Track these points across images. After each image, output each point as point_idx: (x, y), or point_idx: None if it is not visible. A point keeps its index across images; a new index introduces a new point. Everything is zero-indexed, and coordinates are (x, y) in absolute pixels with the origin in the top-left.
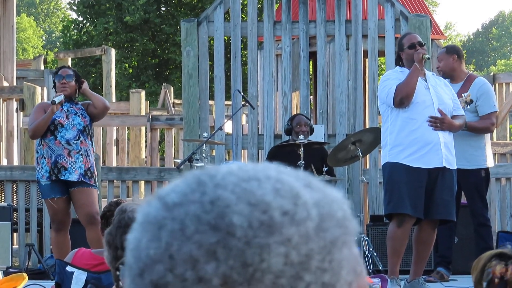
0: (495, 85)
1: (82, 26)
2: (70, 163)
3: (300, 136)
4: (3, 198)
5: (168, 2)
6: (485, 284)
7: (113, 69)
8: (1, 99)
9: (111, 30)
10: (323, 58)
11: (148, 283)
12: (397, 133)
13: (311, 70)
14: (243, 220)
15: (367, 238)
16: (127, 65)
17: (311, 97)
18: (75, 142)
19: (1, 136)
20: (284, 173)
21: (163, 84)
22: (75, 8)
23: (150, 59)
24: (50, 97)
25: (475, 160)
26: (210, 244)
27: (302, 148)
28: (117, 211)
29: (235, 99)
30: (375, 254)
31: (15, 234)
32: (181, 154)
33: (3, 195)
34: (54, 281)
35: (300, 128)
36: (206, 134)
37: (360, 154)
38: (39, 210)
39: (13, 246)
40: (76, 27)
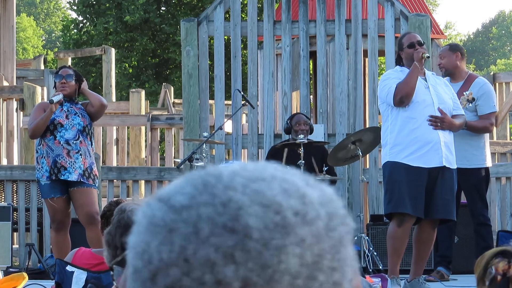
0: (495, 84)
1: (82, 25)
2: (69, 163)
3: (300, 136)
4: (3, 198)
5: (168, 1)
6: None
7: (113, 68)
8: (1, 99)
9: (111, 30)
10: (323, 57)
11: (162, 287)
12: (397, 132)
13: (311, 69)
14: (259, 222)
15: (367, 238)
16: (127, 64)
17: (311, 96)
18: (75, 142)
19: (1, 136)
20: (286, 172)
21: (163, 83)
22: (75, 8)
23: (150, 58)
24: (50, 97)
25: (475, 160)
26: (228, 247)
27: (302, 148)
28: (116, 211)
29: (235, 98)
30: (375, 254)
31: (15, 233)
32: (181, 153)
33: (3, 195)
34: (54, 280)
35: (299, 127)
36: (206, 134)
37: (360, 153)
38: (39, 210)
39: (13, 246)
40: (76, 26)
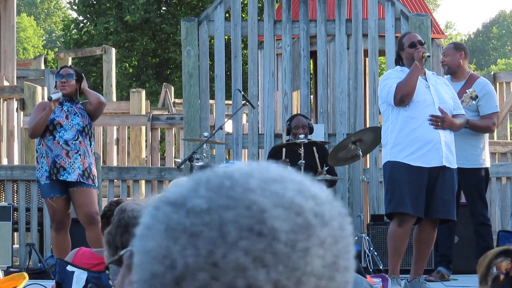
0: (496, 84)
1: (82, 25)
2: (68, 164)
3: (300, 136)
4: (3, 198)
5: (168, 1)
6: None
7: (113, 68)
8: (1, 99)
9: (112, 30)
10: (323, 57)
11: None
12: (397, 132)
13: (311, 69)
14: (284, 225)
15: (367, 238)
16: (127, 64)
17: (312, 96)
18: (74, 142)
19: (1, 136)
20: (290, 172)
21: (164, 83)
22: (75, 7)
23: (150, 58)
24: (49, 94)
25: (475, 160)
26: (257, 251)
27: (302, 148)
28: (116, 211)
29: (236, 98)
30: (376, 254)
31: (15, 233)
32: (181, 153)
33: (3, 195)
34: (54, 280)
35: (297, 130)
36: (206, 134)
37: (360, 153)
38: (40, 210)
39: (13, 246)
40: (77, 26)
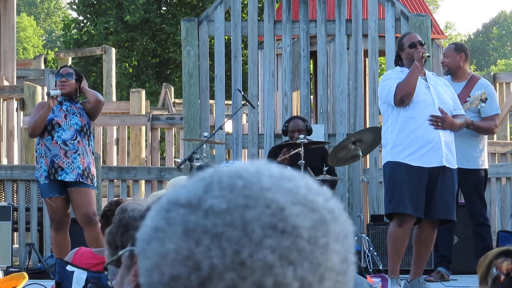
0: (496, 84)
1: (82, 25)
2: (67, 164)
3: (300, 136)
4: (3, 198)
5: (168, 1)
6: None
7: (113, 68)
8: (1, 99)
9: (112, 30)
10: (323, 57)
11: None
12: (397, 132)
13: (311, 69)
14: (305, 221)
15: (367, 238)
16: (127, 64)
17: (312, 96)
18: (72, 142)
19: (1, 136)
20: (288, 170)
21: (164, 83)
22: (75, 7)
23: (150, 58)
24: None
25: (475, 161)
26: (283, 248)
27: (302, 148)
28: (117, 211)
29: (236, 98)
30: (375, 254)
31: (15, 233)
32: (181, 153)
33: (3, 195)
34: (54, 280)
35: (293, 134)
36: (206, 134)
37: (360, 153)
38: (40, 210)
39: (13, 246)
40: (77, 26)
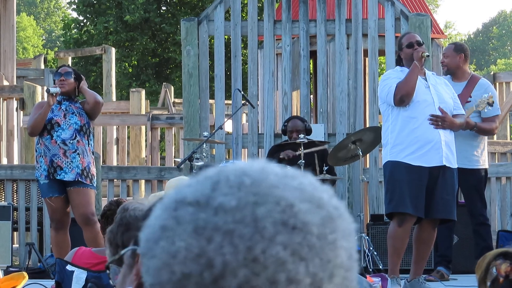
0: (496, 84)
1: (82, 25)
2: (66, 163)
3: (300, 135)
4: (3, 197)
5: (168, 1)
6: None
7: (113, 68)
8: (1, 98)
9: (111, 29)
10: (323, 57)
11: None
12: (398, 132)
13: (311, 69)
14: (314, 218)
15: (367, 237)
16: (127, 64)
17: (311, 96)
18: (71, 141)
19: (1, 135)
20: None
21: (163, 83)
22: (75, 7)
23: (150, 58)
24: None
25: (475, 160)
26: (295, 244)
27: (302, 147)
28: (119, 210)
29: (235, 98)
30: (375, 253)
31: (15, 233)
32: (181, 153)
33: (3, 194)
34: (54, 280)
35: (291, 134)
36: (206, 133)
37: (360, 153)
38: (39, 209)
39: (13, 245)
40: (77, 26)
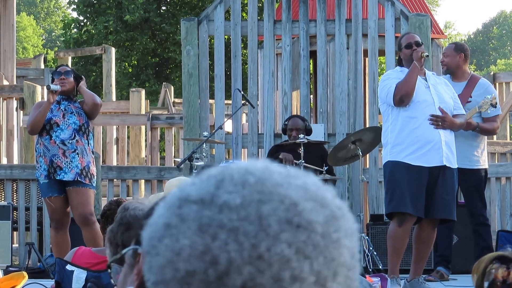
0: (495, 84)
1: (82, 25)
2: (65, 163)
3: (300, 135)
4: (3, 197)
5: (168, 1)
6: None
7: (113, 68)
8: (1, 98)
9: (111, 29)
10: (323, 57)
11: (231, 287)
12: (398, 132)
13: (311, 69)
14: (318, 216)
15: (367, 237)
16: (127, 64)
17: (311, 96)
18: (71, 141)
19: (1, 135)
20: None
21: (163, 83)
22: (75, 7)
23: (150, 58)
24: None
25: (475, 160)
26: (299, 242)
27: (302, 147)
28: (119, 209)
29: (235, 98)
30: (375, 253)
31: (15, 233)
32: (181, 153)
33: (3, 194)
34: (54, 280)
35: (291, 132)
36: (206, 133)
37: (360, 153)
38: (39, 209)
39: (13, 245)
40: (77, 26)
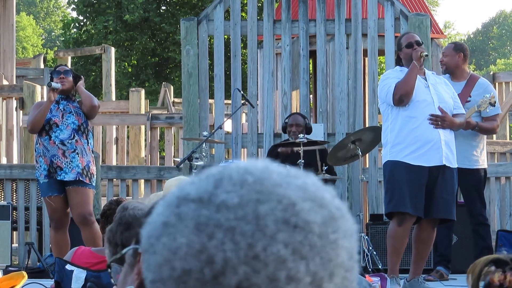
0: (495, 84)
1: (82, 24)
2: (65, 163)
3: (300, 135)
4: (2, 197)
5: (168, 0)
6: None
7: (113, 67)
8: (0, 98)
9: (111, 29)
10: (323, 57)
11: (226, 287)
12: (397, 131)
13: (311, 69)
14: (316, 217)
15: (366, 237)
16: (126, 63)
17: (311, 96)
18: (70, 141)
19: (0, 135)
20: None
21: (163, 83)
22: (74, 6)
23: (150, 57)
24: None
25: (475, 160)
26: (296, 243)
27: (302, 147)
28: (119, 209)
29: (235, 98)
30: (375, 253)
31: (14, 232)
32: (180, 153)
33: (2, 194)
34: (53, 279)
35: (291, 128)
36: (205, 133)
37: (359, 153)
38: (39, 209)
39: (12, 245)
40: (76, 25)
